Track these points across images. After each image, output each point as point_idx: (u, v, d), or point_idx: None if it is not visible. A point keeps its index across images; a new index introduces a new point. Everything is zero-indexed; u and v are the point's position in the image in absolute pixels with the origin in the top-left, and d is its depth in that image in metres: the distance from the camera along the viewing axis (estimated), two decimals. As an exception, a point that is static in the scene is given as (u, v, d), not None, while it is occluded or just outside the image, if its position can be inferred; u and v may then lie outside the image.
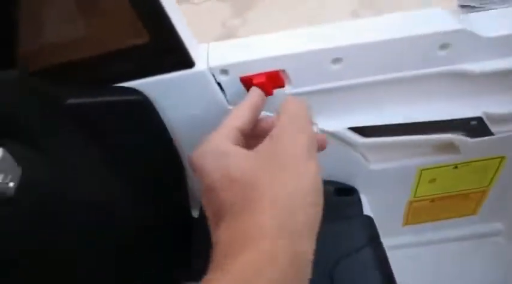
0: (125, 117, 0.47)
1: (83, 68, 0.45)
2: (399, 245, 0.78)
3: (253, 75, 0.43)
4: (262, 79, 0.43)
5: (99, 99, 0.45)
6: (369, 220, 0.62)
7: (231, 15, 1.61)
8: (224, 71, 0.44)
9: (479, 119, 0.52)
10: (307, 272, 0.27)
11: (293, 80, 0.45)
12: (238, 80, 0.45)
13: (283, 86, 0.46)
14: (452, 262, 0.79)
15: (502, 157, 0.62)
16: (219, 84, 0.46)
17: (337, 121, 0.51)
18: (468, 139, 0.55)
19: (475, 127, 0.53)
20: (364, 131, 0.53)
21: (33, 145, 0.42)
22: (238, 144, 0.32)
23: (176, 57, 0.44)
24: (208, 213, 0.30)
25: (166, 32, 0.42)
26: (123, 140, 0.49)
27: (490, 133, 0.54)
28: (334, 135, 0.52)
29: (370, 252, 0.58)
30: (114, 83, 0.45)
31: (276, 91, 0.45)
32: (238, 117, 0.35)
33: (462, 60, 0.46)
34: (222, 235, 0.27)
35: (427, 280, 0.78)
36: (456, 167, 0.63)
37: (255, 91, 0.39)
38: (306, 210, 0.27)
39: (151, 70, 0.45)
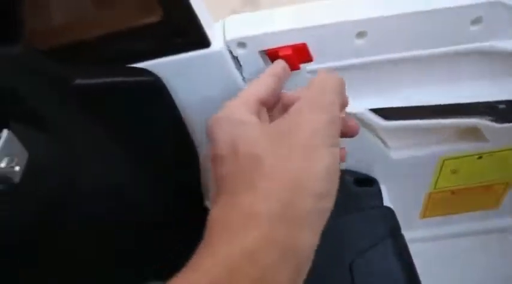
0: (137, 99, 0.44)
1: (93, 48, 0.42)
2: (416, 238, 0.75)
3: (279, 48, 0.41)
4: (289, 52, 0.40)
5: (109, 79, 0.42)
6: (390, 211, 0.60)
7: (241, 4, 1.57)
8: (242, 44, 0.42)
9: (509, 102, 0.49)
10: (301, 270, 0.23)
11: (314, 55, 0.43)
12: (257, 54, 0.42)
13: (311, 60, 0.43)
14: (472, 257, 0.77)
15: (529, 146, 0.59)
16: (236, 58, 0.43)
17: (358, 102, 0.49)
18: (495, 124, 0.52)
19: (504, 111, 0.51)
20: (385, 113, 0.50)
21: (41, 128, 0.40)
22: (258, 114, 0.30)
23: (191, 36, 0.41)
24: (211, 186, 0.27)
25: (182, 9, 0.39)
26: (134, 124, 0.46)
27: (520, 119, 0.51)
28: (354, 117, 0.50)
29: (391, 244, 0.56)
30: (125, 64, 0.43)
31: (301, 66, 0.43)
32: (260, 85, 0.32)
33: (494, 36, 0.43)
34: (214, 213, 0.25)
35: (447, 273, 0.75)
36: (480, 157, 0.60)
37: (279, 63, 0.37)
38: (313, 198, 0.24)
39: (164, 50, 0.42)
